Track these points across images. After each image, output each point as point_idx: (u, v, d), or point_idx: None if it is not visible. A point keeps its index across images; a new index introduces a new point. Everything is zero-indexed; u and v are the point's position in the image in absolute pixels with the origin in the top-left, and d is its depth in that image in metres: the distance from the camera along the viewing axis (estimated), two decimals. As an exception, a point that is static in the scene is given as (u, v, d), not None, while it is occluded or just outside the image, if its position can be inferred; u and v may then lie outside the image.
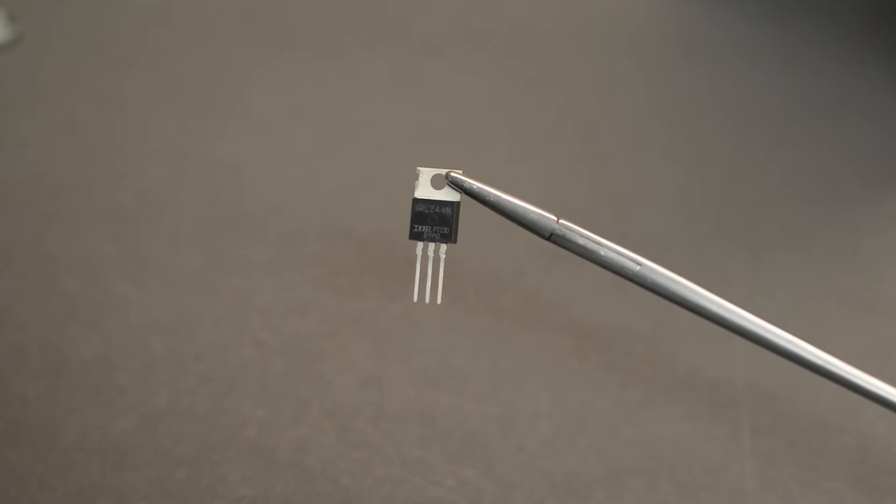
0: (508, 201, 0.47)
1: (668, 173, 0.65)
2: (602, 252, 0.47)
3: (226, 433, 0.54)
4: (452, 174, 0.48)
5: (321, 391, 0.56)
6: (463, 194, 0.47)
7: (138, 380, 0.56)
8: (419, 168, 0.47)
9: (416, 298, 0.46)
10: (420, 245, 0.46)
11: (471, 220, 0.49)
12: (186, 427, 0.54)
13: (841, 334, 0.58)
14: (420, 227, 0.46)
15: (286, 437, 0.54)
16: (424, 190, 0.46)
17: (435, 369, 0.57)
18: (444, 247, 0.46)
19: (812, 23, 0.72)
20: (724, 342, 0.57)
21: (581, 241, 0.48)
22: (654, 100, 0.68)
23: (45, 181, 0.64)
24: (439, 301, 0.45)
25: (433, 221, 0.47)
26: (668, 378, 0.56)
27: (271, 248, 0.62)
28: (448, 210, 0.47)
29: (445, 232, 0.46)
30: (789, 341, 0.47)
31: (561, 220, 0.48)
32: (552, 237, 0.48)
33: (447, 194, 0.46)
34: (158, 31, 0.71)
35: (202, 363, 0.57)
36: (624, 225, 0.62)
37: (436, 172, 0.47)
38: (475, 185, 0.47)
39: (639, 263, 0.47)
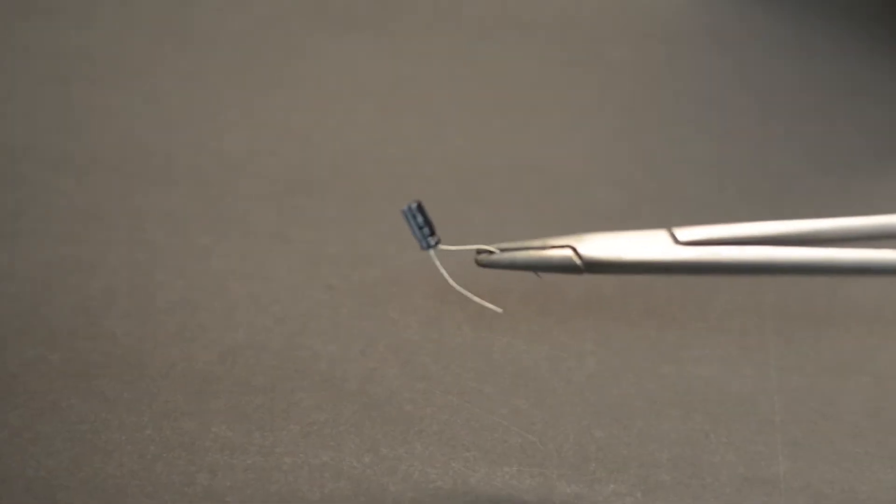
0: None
1: (700, 146, 0.66)
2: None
3: (299, 366, 0.55)
4: None
5: (386, 330, 0.57)
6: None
7: (219, 319, 0.57)
8: None
9: None
10: None
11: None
12: (263, 360, 0.55)
13: (855, 290, 0.59)
14: None
15: (354, 369, 0.55)
16: None
17: (489, 312, 0.57)
18: None
19: (828, 16, 0.73)
20: (753, 293, 0.58)
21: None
22: (686, 81, 0.69)
23: (131, 146, 0.65)
24: None
25: None
26: (701, 323, 0.57)
27: (339, 206, 0.62)
28: None
29: None
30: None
31: None
32: None
33: None
34: (235, 15, 0.72)
35: (278, 305, 0.57)
36: (660, 191, 0.63)
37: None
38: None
39: None
